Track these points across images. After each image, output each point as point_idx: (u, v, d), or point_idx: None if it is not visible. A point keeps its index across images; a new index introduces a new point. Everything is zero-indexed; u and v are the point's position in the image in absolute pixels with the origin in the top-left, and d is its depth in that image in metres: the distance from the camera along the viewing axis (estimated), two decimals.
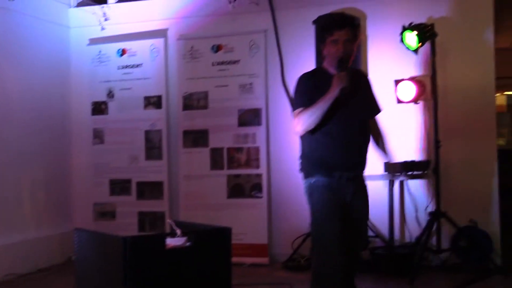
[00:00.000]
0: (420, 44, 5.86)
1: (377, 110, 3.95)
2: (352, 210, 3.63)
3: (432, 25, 5.95)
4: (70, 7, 7.41)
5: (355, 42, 3.71)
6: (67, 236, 6.62)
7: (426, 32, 5.87)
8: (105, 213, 7.11)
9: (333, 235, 3.48)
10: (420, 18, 6.12)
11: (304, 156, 3.83)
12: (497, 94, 6.64)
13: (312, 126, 3.55)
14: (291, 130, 4.80)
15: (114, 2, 7.28)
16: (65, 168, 7.30)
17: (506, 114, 14.26)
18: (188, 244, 3.16)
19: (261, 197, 6.62)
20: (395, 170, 5.91)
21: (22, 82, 6.62)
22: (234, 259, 3.68)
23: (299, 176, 6.44)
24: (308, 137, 3.69)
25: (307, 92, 3.65)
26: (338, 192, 3.60)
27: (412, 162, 5.91)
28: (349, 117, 3.63)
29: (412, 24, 5.89)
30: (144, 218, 6.97)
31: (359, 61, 6.04)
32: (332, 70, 3.61)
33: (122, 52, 7.16)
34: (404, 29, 5.86)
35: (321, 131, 3.61)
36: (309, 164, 3.76)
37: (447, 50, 6.24)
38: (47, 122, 6.99)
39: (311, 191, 3.70)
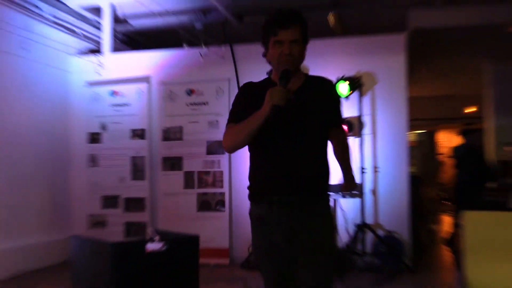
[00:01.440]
0: (351, 92, 5.95)
1: (334, 123, 2.59)
2: (297, 245, 2.37)
3: (359, 78, 6.06)
4: (71, 55, 7.33)
5: (305, 45, 2.45)
6: (65, 241, 6.48)
7: (355, 83, 5.98)
8: (98, 223, 7.00)
9: (267, 281, 2.52)
10: (350, 72, 6.21)
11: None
12: (409, 132, 6.73)
13: (239, 146, 2.46)
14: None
15: (109, 52, 7.23)
16: (65, 185, 7.19)
17: (416, 148, 14.54)
18: (164, 248, 3.12)
19: (224, 211, 6.63)
20: (330, 190, 5.92)
21: (30, 115, 6.55)
22: (201, 260, 3.66)
23: None
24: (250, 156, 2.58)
25: (238, 105, 2.57)
26: (269, 224, 2.44)
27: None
28: (291, 132, 2.40)
29: (344, 76, 5.99)
30: (130, 227, 6.88)
31: None
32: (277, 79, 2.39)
33: (114, 93, 7.11)
34: (338, 80, 5.94)
35: (257, 149, 2.51)
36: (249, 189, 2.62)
37: (372, 97, 6.35)
38: (51, 148, 6.93)
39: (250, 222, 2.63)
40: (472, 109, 14.19)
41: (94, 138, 7.13)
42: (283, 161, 2.39)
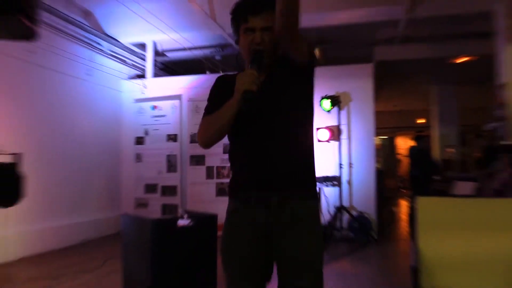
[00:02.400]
0: (332, 107, 5.91)
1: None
2: (278, 251, 1.55)
3: (338, 96, 6.02)
4: (124, 80, 7.33)
5: (272, 29, 1.57)
6: (118, 217, 6.48)
7: (335, 100, 5.94)
8: (141, 204, 6.98)
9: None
10: (331, 92, 6.18)
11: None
12: (376, 137, 6.70)
13: (214, 139, 1.65)
14: None
15: (151, 77, 7.23)
16: (118, 176, 7.16)
17: (380, 150, 14.51)
18: (191, 223, 3.09)
19: None
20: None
21: (93, 124, 6.55)
22: (219, 233, 3.62)
23: None
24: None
25: (213, 98, 1.76)
26: (242, 224, 1.62)
27: (327, 176, 5.91)
28: (267, 119, 1.60)
29: (327, 95, 5.95)
30: (165, 208, 6.85)
31: None
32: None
33: (154, 107, 7.10)
34: (322, 98, 5.92)
35: (234, 141, 1.70)
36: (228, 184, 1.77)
37: (347, 111, 6.32)
38: (108, 148, 6.92)
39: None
40: (422, 120, 14.14)
41: (139, 141, 7.12)
42: (260, 153, 1.58)
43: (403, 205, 11.71)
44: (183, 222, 3.06)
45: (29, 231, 5.11)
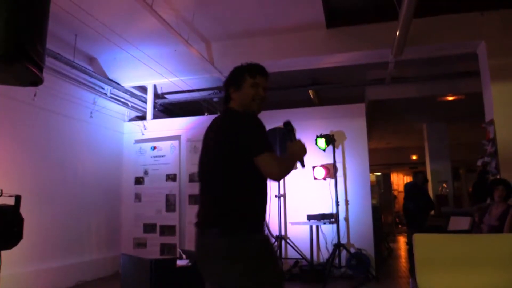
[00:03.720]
0: (327, 146, 5.96)
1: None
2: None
3: (333, 135, 6.08)
4: (125, 121, 7.40)
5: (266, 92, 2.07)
6: (116, 257, 6.38)
7: (329, 139, 5.99)
8: (140, 244, 6.85)
9: None
10: (325, 131, 6.25)
11: None
12: (370, 174, 6.70)
13: (284, 176, 1.91)
14: None
15: (151, 119, 7.30)
16: (117, 215, 7.08)
17: (375, 186, 14.48)
18: (190, 264, 3.04)
19: None
20: (314, 218, 5.86)
21: (95, 165, 6.55)
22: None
23: None
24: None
25: (266, 137, 1.92)
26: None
27: (324, 214, 5.87)
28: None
29: (322, 134, 6.01)
30: (164, 248, 6.72)
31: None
32: (240, 110, 2.02)
33: (154, 148, 7.12)
34: (317, 137, 5.97)
35: (257, 189, 1.97)
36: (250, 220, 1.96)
37: (343, 150, 6.35)
38: (108, 187, 6.87)
39: None
40: (415, 156, 14.21)
41: (139, 180, 7.09)
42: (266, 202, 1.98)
43: (401, 241, 11.56)
44: (182, 262, 3.02)
45: (25, 273, 4.97)
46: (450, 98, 7.96)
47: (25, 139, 5.23)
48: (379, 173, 15.45)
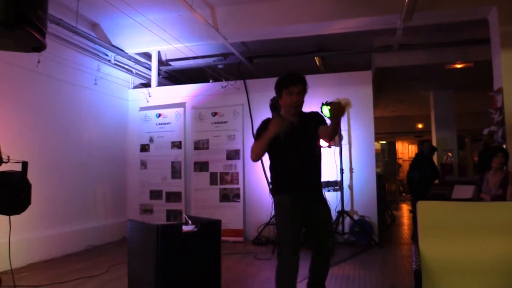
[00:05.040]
0: None
1: (324, 124, 2.88)
2: (313, 217, 2.79)
3: (339, 103, 6.00)
4: (129, 89, 7.37)
5: (305, 94, 2.83)
6: (123, 223, 6.52)
7: None
8: (147, 210, 6.97)
9: (287, 240, 2.71)
10: (331, 99, 6.18)
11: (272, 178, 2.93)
12: (375, 142, 6.69)
13: (258, 157, 2.78)
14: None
15: (155, 86, 7.26)
16: (124, 182, 7.17)
17: (380, 154, 14.48)
18: (195, 229, 3.09)
19: (239, 201, 6.54)
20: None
21: (101, 132, 6.58)
22: (222, 238, 3.61)
23: (260, 189, 6.40)
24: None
25: (259, 129, 2.87)
26: (293, 208, 2.73)
27: (328, 181, 5.90)
28: (299, 149, 2.77)
29: (327, 102, 5.95)
30: (170, 214, 6.85)
31: None
32: (288, 116, 2.83)
33: (159, 115, 7.12)
34: (323, 104, 5.91)
35: (278, 161, 2.83)
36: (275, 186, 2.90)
37: (349, 117, 6.32)
38: (114, 155, 6.92)
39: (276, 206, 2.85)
40: (420, 125, 14.12)
41: (145, 148, 7.13)
42: (298, 169, 2.75)
43: (404, 209, 11.67)
44: (187, 228, 3.06)
45: (36, 238, 5.11)
46: (459, 66, 7.82)
47: (30, 107, 5.23)
48: (384, 142, 15.42)
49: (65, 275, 4.40)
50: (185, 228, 3.05)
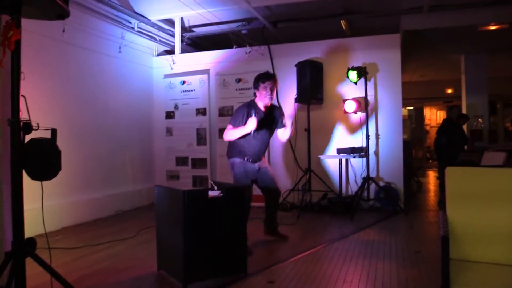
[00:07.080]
0: (358, 78, 5.76)
1: (281, 125, 4.09)
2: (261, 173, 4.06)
3: (365, 68, 5.84)
4: (153, 56, 7.36)
5: (275, 89, 3.98)
6: (151, 189, 6.67)
7: (361, 72, 5.77)
8: (173, 176, 7.10)
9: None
10: (357, 63, 6.04)
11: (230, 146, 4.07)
12: (403, 108, 6.53)
13: (229, 141, 3.95)
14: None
15: (179, 53, 7.22)
16: (150, 149, 7.28)
17: (407, 120, 14.18)
18: (221, 195, 3.12)
19: None
20: (343, 152, 5.84)
21: (126, 100, 6.64)
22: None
23: (285, 155, 6.34)
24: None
25: (237, 117, 3.85)
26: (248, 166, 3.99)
27: (353, 148, 5.83)
28: (261, 132, 3.94)
29: (353, 66, 5.80)
30: (196, 179, 6.95)
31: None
32: (260, 104, 3.96)
33: (183, 82, 7.11)
34: (348, 69, 5.77)
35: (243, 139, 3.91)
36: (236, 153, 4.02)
37: (374, 82, 6.16)
38: (140, 123, 7.00)
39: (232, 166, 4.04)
40: (450, 90, 13.67)
41: (170, 115, 7.18)
42: (255, 146, 3.98)
43: (431, 175, 11.51)
44: (213, 193, 3.09)
45: (67, 203, 5.29)
46: (492, 28, 7.43)
47: (57, 76, 5.29)
48: (411, 108, 15.06)
49: (97, 238, 4.57)
50: (210, 193, 3.08)
